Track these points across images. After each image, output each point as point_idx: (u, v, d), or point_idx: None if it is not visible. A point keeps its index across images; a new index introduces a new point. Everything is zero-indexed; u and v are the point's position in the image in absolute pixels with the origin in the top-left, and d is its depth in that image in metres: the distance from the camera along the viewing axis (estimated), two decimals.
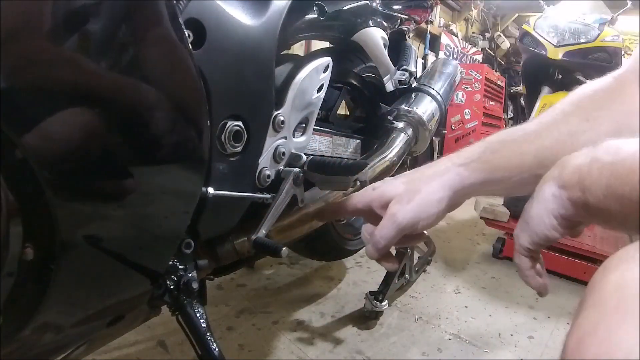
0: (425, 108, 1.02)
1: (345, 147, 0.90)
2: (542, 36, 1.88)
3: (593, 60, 1.84)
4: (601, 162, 0.28)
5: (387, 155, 0.88)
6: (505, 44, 4.60)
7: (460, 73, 1.22)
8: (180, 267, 0.51)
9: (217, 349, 0.52)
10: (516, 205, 1.65)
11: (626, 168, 0.26)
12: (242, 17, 0.49)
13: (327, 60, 0.66)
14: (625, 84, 0.42)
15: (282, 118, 0.58)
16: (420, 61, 3.23)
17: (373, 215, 0.48)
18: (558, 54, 1.84)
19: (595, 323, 0.21)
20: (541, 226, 0.34)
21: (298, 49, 1.93)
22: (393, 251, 1.43)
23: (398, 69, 1.05)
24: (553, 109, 0.45)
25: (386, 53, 0.95)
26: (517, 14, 4.64)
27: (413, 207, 0.44)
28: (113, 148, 0.36)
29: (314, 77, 0.64)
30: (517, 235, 0.38)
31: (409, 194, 0.45)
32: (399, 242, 0.46)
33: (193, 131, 0.43)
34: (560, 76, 1.96)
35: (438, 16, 3.59)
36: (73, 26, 0.32)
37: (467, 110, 3.29)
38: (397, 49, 1.12)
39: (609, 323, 0.21)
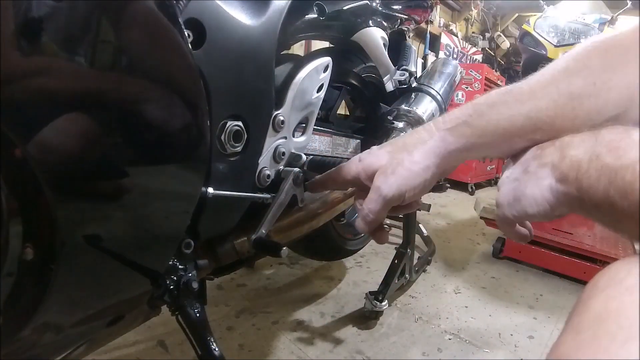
0: (425, 108, 1.02)
1: (345, 147, 0.90)
2: (542, 36, 1.89)
3: None
4: (601, 162, 0.27)
5: None
6: (505, 44, 4.60)
7: (460, 73, 1.22)
8: (180, 267, 0.51)
9: (217, 349, 0.52)
10: None
11: (626, 182, 0.24)
12: (242, 17, 0.49)
13: (327, 60, 0.66)
14: None
15: (282, 118, 0.58)
16: (420, 61, 3.23)
17: (362, 187, 0.47)
18: (558, 54, 1.84)
19: (570, 351, 0.22)
20: (534, 208, 0.33)
21: (298, 49, 1.93)
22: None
23: (398, 69, 1.05)
24: (554, 65, 0.39)
25: (386, 53, 0.95)
26: (517, 14, 4.64)
27: (397, 179, 0.42)
28: (113, 148, 0.36)
29: (314, 77, 0.64)
30: (502, 204, 0.37)
31: (393, 165, 0.43)
32: (391, 211, 0.46)
33: (193, 131, 0.43)
34: None
35: (438, 16, 3.59)
36: (73, 26, 0.32)
37: None
38: (397, 49, 1.12)
39: (583, 355, 0.21)
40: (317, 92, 0.65)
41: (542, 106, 0.36)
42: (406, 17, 1.08)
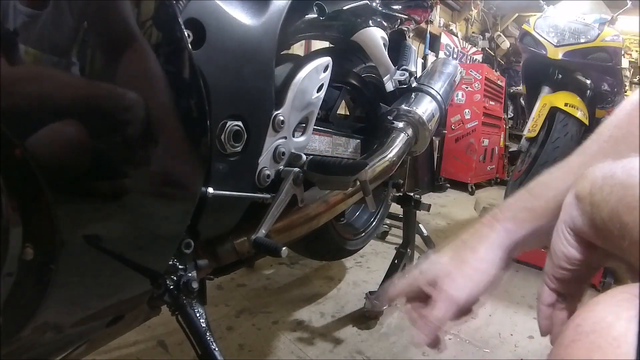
0: (425, 108, 1.02)
1: (345, 147, 0.90)
2: (542, 36, 1.89)
3: (593, 60, 1.84)
4: (615, 180, 0.26)
5: (387, 155, 0.88)
6: (505, 44, 4.60)
7: (460, 73, 1.22)
8: (180, 267, 0.51)
9: (217, 349, 0.52)
10: None
11: (635, 198, 0.23)
12: (242, 17, 0.49)
13: (327, 60, 0.66)
14: None
15: (282, 118, 0.58)
16: (420, 61, 3.23)
17: (420, 295, 0.43)
18: (558, 54, 1.84)
19: None
20: (557, 242, 0.31)
21: (298, 49, 1.93)
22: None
23: (398, 69, 1.05)
24: (598, 135, 0.39)
25: (386, 53, 0.95)
26: (517, 14, 4.64)
27: (466, 280, 0.39)
28: (113, 148, 0.36)
29: (313, 77, 0.64)
30: (546, 264, 0.34)
31: (458, 267, 0.40)
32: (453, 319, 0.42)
33: (193, 131, 0.43)
34: (560, 76, 1.96)
35: (438, 16, 3.59)
36: (72, 28, 0.32)
37: (467, 110, 3.29)
38: (397, 49, 1.12)
39: None
40: (317, 92, 0.65)
41: None
42: (406, 17, 1.08)
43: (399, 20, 1.07)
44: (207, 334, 0.53)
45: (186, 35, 0.41)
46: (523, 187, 0.42)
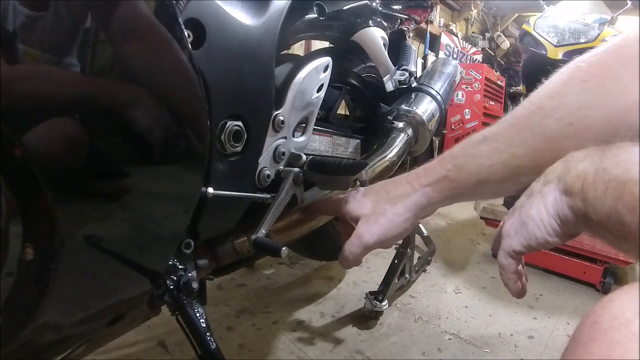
0: (425, 108, 1.02)
1: (345, 147, 0.90)
2: (542, 36, 1.89)
3: None
4: (609, 175, 0.25)
5: (387, 155, 0.88)
6: (505, 44, 4.60)
7: (460, 73, 1.22)
8: (180, 267, 0.51)
9: (217, 349, 0.52)
10: None
11: (635, 197, 0.23)
12: (242, 17, 0.49)
13: (327, 60, 0.66)
14: (624, 64, 0.31)
15: (282, 118, 0.58)
16: (420, 61, 3.23)
17: (347, 224, 0.53)
18: (558, 54, 1.84)
19: None
20: (542, 230, 0.31)
21: (298, 49, 1.93)
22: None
23: (398, 69, 1.05)
24: (528, 102, 0.37)
25: (386, 53, 0.95)
26: (517, 14, 4.64)
27: (379, 228, 0.47)
28: (113, 148, 0.36)
29: (313, 77, 0.64)
30: (508, 235, 0.34)
31: (376, 215, 0.48)
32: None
33: (193, 131, 0.43)
34: None
35: (438, 16, 3.59)
36: (72, 27, 0.32)
37: (467, 110, 3.29)
38: (397, 49, 1.12)
39: None
40: (317, 92, 0.65)
41: (520, 153, 0.36)
42: (406, 17, 1.08)
43: (399, 20, 1.07)
44: (207, 334, 0.53)
45: (186, 35, 0.41)
46: (449, 151, 0.45)
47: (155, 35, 0.38)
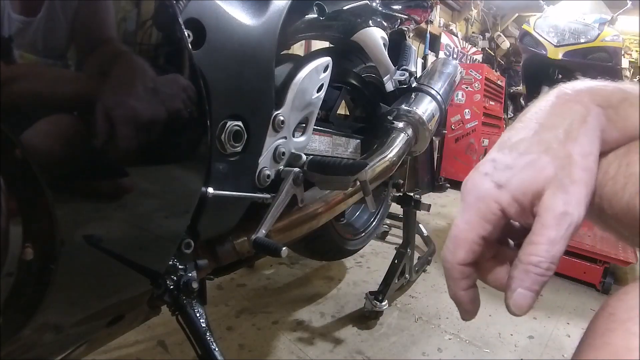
0: (425, 108, 1.02)
1: (345, 147, 0.90)
2: (542, 36, 1.89)
3: (593, 60, 1.84)
4: (630, 170, 0.23)
5: (387, 155, 0.88)
6: (505, 44, 4.60)
7: (460, 73, 1.22)
8: (180, 267, 0.51)
9: (217, 349, 0.52)
10: None
11: None
12: (242, 17, 0.49)
13: (327, 60, 0.66)
14: None
15: (282, 118, 0.58)
16: (420, 61, 3.23)
17: (504, 234, 0.28)
18: (558, 54, 1.84)
19: None
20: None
21: (298, 49, 1.93)
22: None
23: (398, 69, 1.05)
24: None
25: (386, 53, 0.95)
26: (517, 14, 4.64)
27: (581, 187, 0.24)
28: (113, 148, 0.36)
29: (313, 77, 0.64)
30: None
31: (566, 168, 0.25)
32: None
33: (193, 131, 0.43)
34: (560, 76, 1.96)
35: (438, 16, 3.59)
36: (72, 28, 0.32)
37: (467, 110, 3.29)
38: (397, 49, 1.12)
39: None
40: (317, 92, 0.65)
41: None
42: (406, 17, 1.08)
43: (399, 20, 1.07)
44: (207, 334, 0.53)
45: (186, 35, 0.41)
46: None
47: (154, 35, 0.38)
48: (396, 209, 1.44)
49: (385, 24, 0.98)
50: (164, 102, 0.39)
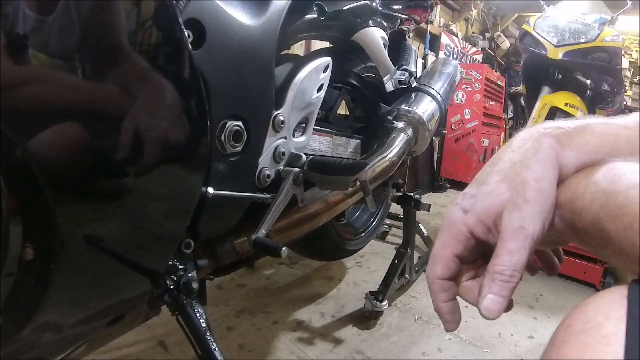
0: (425, 108, 1.02)
1: (345, 147, 0.90)
2: (542, 36, 1.89)
3: (593, 60, 1.84)
4: (597, 187, 0.25)
5: (387, 155, 0.88)
6: (505, 44, 4.60)
7: (460, 73, 1.22)
8: (180, 267, 0.51)
9: (217, 349, 0.52)
10: None
11: (617, 205, 0.23)
12: (242, 17, 0.49)
13: (327, 60, 0.66)
14: None
15: (282, 118, 0.58)
16: (420, 61, 3.23)
17: (473, 252, 0.32)
18: (558, 54, 1.84)
19: None
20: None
21: (298, 49, 1.93)
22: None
23: (398, 69, 1.05)
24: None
25: (386, 53, 0.95)
26: (517, 14, 4.64)
27: (535, 205, 0.28)
28: (113, 148, 0.36)
29: (313, 77, 0.64)
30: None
31: (520, 191, 0.29)
32: None
33: (193, 131, 0.43)
34: (560, 76, 1.96)
35: (438, 16, 3.59)
36: (74, 29, 0.32)
37: (467, 110, 3.29)
38: (397, 49, 1.12)
39: None
40: (317, 92, 0.65)
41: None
42: (406, 17, 1.08)
43: (399, 20, 1.07)
44: (207, 334, 0.53)
45: (186, 35, 0.41)
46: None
47: (155, 36, 0.38)
48: (396, 209, 1.44)
49: (385, 24, 0.98)
50: (164, 102, 0.39)
